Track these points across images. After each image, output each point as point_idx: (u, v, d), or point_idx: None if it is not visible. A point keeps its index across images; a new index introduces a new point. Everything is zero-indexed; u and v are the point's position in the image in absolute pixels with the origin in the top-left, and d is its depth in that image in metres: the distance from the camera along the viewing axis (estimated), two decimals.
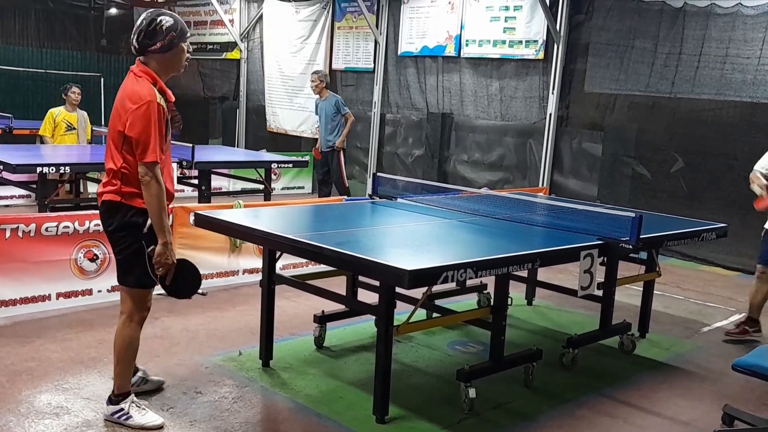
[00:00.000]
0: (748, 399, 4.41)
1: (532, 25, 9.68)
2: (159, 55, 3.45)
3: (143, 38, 3.42)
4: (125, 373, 3.67)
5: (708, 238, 5.43)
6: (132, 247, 3.52)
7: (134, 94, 3.37)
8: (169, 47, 3.44)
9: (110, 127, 3.52)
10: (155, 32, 3.41)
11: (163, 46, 3.42)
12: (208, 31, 15.01)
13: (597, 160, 9.29)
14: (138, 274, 3.56)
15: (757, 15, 7.74)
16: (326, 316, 4.91)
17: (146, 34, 3.40)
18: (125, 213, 3.49)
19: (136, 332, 3.66)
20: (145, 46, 3.43)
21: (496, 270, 3.84)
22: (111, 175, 3.51)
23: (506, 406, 4.16)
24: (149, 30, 3.40)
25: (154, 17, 3.40)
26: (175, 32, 3.44)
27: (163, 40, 3.41)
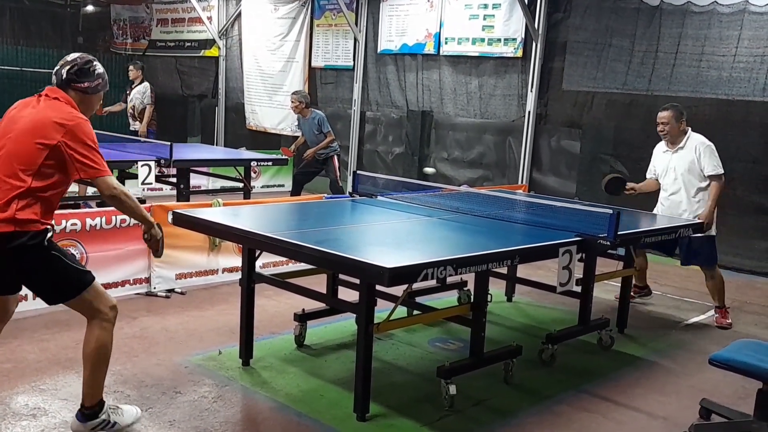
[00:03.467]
0: (725, 393, 4.46)
1: (511, 23, 9.72)
2: (81, 95, 3.46)
3: (73, 73, 3.43)
4: (101, 382, 3.47)
5: (684, 235, 5.49)
6: (48, 263, 3.26)
7: (69, 114, 3.31)
8: (93, 91, 3.50)
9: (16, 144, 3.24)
10: (88, 72, 3.47)
11: (89, 87, 3.47)
12: (186, 28, 14.91)
13: (575, 157, 9.35)
14: (73, 279, 3.33)
15: (732, 13, 7.83)
16: (306, 314, 4.89)
17: (79, 70, 3.45)
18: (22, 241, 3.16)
19: (110, 335, 3.45)
20: (71, 81, 3.44)
21: (476, 267, 3.86)
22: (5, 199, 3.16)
23: (486, 402, 4.17)
24: (83, 68, 3.46)
25: (91, 60, 3.52)
26: (102, 80, 3.53)
27: (92, 82, 3.48)
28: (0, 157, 3.27)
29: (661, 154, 6.11)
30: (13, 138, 3.28)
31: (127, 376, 4.25)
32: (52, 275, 3.30)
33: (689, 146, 5.88)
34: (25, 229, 3.17)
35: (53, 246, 3.30)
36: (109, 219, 5.59)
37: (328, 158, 9.33)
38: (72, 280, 3.35)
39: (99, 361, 3.42)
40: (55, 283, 3.34)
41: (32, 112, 3.34)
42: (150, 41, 15.85)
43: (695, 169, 5.83)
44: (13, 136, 3.29)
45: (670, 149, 6.00)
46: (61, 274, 3.31)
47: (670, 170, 5.99)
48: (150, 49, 15.86)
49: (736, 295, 6.92)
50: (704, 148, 5.81)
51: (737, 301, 6.73)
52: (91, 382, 3.44)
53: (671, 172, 5.98)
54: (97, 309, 3.41)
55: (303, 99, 9.29)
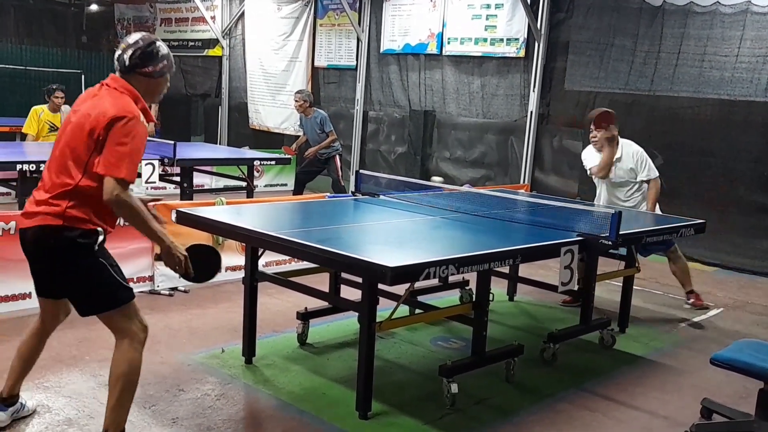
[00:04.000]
0: (726, 393, 4.47)
1: (513, 23, 9.73)
2: (146, 79, 3.27)
3: (137, 57, 3.21)
4: (127, 407, 3.25)
5: (686, 234, 5.50)
6: (88, 269, 3.15)
7: (120, 107, 3.10)
8: (159, 74, 3.30)
9: (71, 136, 3.15)
10: (152, 55, 3.24)
11: (154, 71, 3.27)
12: (190, 27, 14.93)
13: (577, 157, 9.29)
14: (112, 293, 3.20)
15: (734, 13, 7.84)
16: (309, 313, 4.91)
17: (143, 53, 3.22)
18: (67, 236, 3.09)
19: (140, 355, 3.24)
20: (135, 66, 3.22)
21: (478, 266, 3.87)
22: (55, 193, 3.11)
23: (488, 401, 4.19)
24: (147, 51, 3.22)
25: (154, 41, 3.28)
26: (167, 61, 3.32)
27: (156, 65, 3.26)
28: (56, 152, 3.21)
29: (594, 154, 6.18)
30: (68, 132, 3.18)
31: None
32: (92, 283, 3.17)
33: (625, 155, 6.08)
34: (74, 225, 3.08)
35: (103, 252, 3.18)
36: None
37: (330, 158, 9.35)
38: (110, 293, 3.19)
39: (128, 384, 3.21)
40: (92, 292, 3.19)
41: (89, 105, 3.18)
42: None
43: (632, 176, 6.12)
44: (68, 130, 3.19)
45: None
46: (102, 284, 3.18)
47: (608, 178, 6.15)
48: None
49: (738, 294, 6.93)
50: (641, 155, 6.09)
51: (739, 301, 6.74)
52: (117, 407, 3.21)
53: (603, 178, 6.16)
54: (129, 329, 3.23)
55: (307, 98, 9.31)
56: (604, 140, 5.98)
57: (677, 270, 6.25)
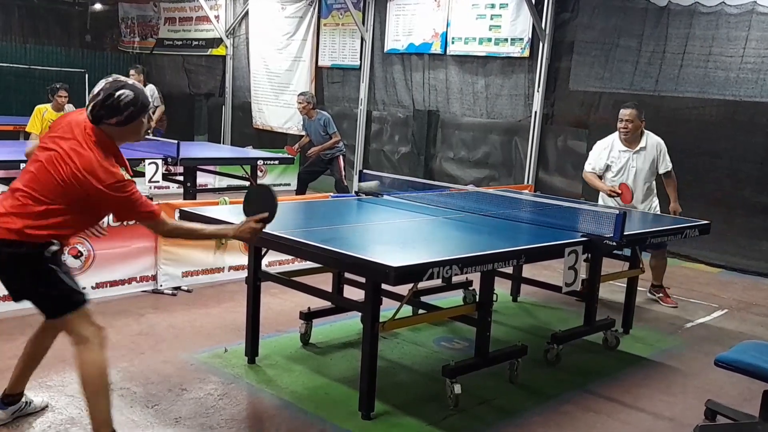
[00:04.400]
0: (731, 394, 4.45)
1: (518, 23, 9.71)
2: (116, 128, 3.19)
3: (98, 110, 3.14)
4: (106, 406, 3.25)
5: (691, 235, 5.48)
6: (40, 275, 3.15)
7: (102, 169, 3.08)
8: (127, 122, 3.18)
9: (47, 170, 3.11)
10: (112, 107, 3.13)
11: (119, 121, 3.16)
12: (194, 27, 14.94)
13: (582, 157, 9.28)
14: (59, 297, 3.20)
15: (740, 14, 7.81)
16: (312, 312, 4.90)
17: (102, 107, 3.13)
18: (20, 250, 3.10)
19: (101, 355, 3.22)
20: (100, 117, 3.15)
21: (482, 266, 3.86)
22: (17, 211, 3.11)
23: (491, 402, 4.18)
24: (105, 105, 3.13)
25: (112, 92, 3.13)
26: (134, 107, 3.17)
27: (120, 115, 3.14)
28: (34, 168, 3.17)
29: (618, 154, 6.18)
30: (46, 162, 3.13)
31: (133, 372, 4.27)
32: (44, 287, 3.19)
33: (650, 146, 6.10)
34: (30, 242, 3.10)
35: (54, 259, 3.17)
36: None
37: (334, 158, 9.36)
38: (59, 298, 3.22)
39: (98, 383, 3.21)
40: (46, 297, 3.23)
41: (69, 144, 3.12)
42: (157, 40, 15.89)
43: (653, 168, 6.11)
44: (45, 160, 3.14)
45: (630, 149, 6.12)
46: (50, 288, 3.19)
47: (628, 169, 6.14)
48: (157, 48, 15.91)
49: (743, 296, 6.91)
50: (663, 147, 6.12)
51: (743, 302, 6.72)
52: (95, 408, 3.22)
53: (627, 170, 6.14)
54: (81, 334, 3.23)
55: (310, 100, 9.32)
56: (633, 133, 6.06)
57: (658, 266, 6.39)
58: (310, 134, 9.50)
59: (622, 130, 6.10)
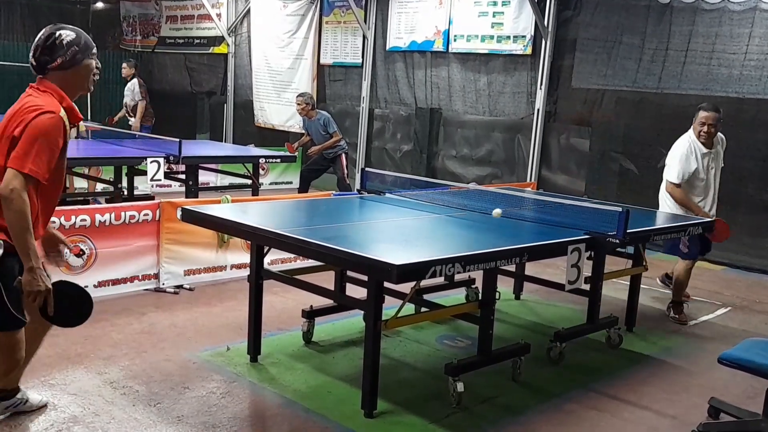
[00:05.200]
0: (734, 392, 4.44)
1: (520, 20, 9.69)
2: (60, 72, 3.11)
3: (41, 54, 3.09)
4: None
5: (694, 233, 5.47)
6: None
7: (35, 105, 3.03)
8: (71, 63, 3.11)
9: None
10: (54, 47, 3.08)
11: (64, 62, 3.09)
12: (195, 25, 14.93)
13: (584, 155, 9.32)
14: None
15: (743, 11, 7.78)
16: (314, 311, 4.90)
17: (44, 49, 3.08)
18: None
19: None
20: (44, 63, 3.09)
21: (484, 264, 3.85)
22: None
23: (494, 400, 4.17)
24: (47, 45, 3.08)
25: (53, 32, 3.09)
26: (77, 47, 3.11)
27: (63, 56, 3.08)
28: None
29: (701, 157, 5.80)
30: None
31: (135, 371, 4.27)
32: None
33: (719, 146, 5.91)
34: None
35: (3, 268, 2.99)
36: (118, 215, 5.60)
37: (336, 156, 9.36)
38: None
39: None
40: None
41: (9, 111, 3.12)
42: (159, 38, 15.89)
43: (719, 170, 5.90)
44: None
45: (710, 150, 5.83)
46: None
47: (709, 171, 5.88)
48: (159, 46, 15.90)
49: (746, 294, 6.89)
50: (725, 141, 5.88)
51: (747, 300, 6.70)
52: None
53: (709, 172, 5.88)
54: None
55: (308, 101, 9.31)
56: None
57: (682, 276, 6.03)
58: (311, 134, 9.51)
59: (704, 134, 5.72)
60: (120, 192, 7.95)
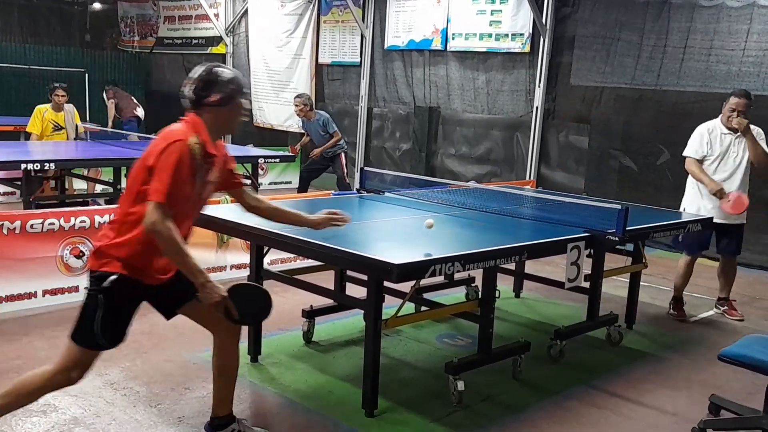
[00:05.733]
0: (735, 388, 4.45)
1: (518, 18, 9.69)
2: (215, 108, 3.12)
3: (199, 89, 3.11)
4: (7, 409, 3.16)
5: (694, 230, 5.47)
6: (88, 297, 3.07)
7: (167, 134, 3.05)
8: (228, 101, 3.13)
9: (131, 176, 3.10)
10: (213, 83, 3.11)
11: (221, 99, 3.11)
12: (193, 25, 14.93)
13: (584, 152, 9.32)
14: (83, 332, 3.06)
15: (741, 7, 7.79)
16: (314, 310, 4.90)
17: (204, 84, 3.11)
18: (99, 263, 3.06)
19: (46, 389, 3.13)
20: (200, 98, 3.11)
21: (484, 263, 3.85)
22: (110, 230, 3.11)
23: (495, 398, 4.17)
24: (208, 80, 3.11)
25: (213, 68, 3.15)
26: (234, 85, 3.14)
27: (221, 92, 3.10)
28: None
29: (720, 136, 5.84)
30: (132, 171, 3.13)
31: (136, 372, 4.27)
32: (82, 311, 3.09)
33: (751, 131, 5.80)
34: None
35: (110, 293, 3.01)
36: None
37: (336, 156, 9.34)
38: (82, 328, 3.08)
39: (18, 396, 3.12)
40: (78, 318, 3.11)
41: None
42: (157, 38, 15.88)
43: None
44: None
45: (732, 133, 5.82)
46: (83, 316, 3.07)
47: (731, 154, 5.84)
48: (157, 47, 15.90)
49: (747, 290, 6.90)
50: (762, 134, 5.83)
51: (747, 296, 6.71)
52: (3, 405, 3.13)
53: (732, 156, 5.84)
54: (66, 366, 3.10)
55: (307, 102, 9.24)
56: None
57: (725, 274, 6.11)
58: (310, 134, 9.49)
59: (730, 119, 5.75)
60: (119, 193, 7.94)
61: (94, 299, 3.02)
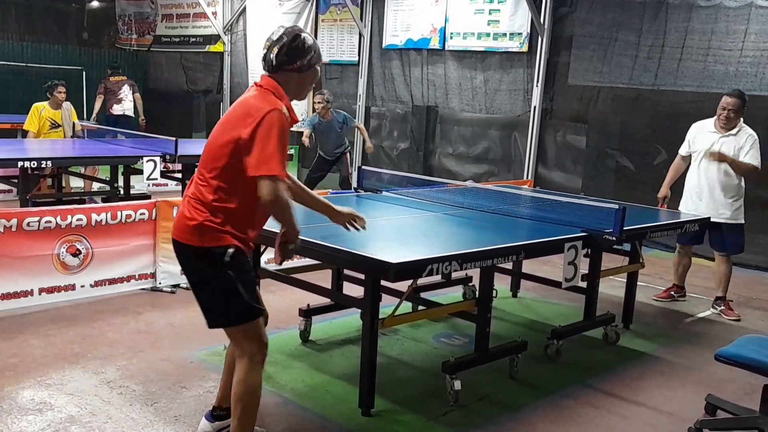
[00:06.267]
0: (731, 389, 4.45)
1: (516, 17, 9.69)
2: (295, 75, 3.12)
3: (283, 54, 3.07)
4: (249, 425, 3.17)
5: (691, 230, 5.48)
6: (219, 282, 3.10)
7: (259, 105, 3.00)
8: (308, 67, 3.13)
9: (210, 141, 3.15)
10: (298, 49, 3.08)
11: (302, 65, 3.10)
12: (191, 23, 14.91)
13: (581, 152, 9.33)
14: (236, 311, 3.13)
15: (739, 7, 7.79)
16: (311, 309, 4.90)
17: (289, 50, 3.07)
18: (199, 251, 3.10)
19: (260, 376, 3.18)
20: (282, 63, 3.08)
21: (481, 262, 3.85)
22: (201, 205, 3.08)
23: (491, 397, 4.17)
24: (293, 46, 3.07)
25: (298, 33, 3.11)
26: (315, 52, 3.13)
27: (303, 59, 3.09)
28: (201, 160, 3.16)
29: (706, 134, 6.08)
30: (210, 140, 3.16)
31: (133, 371, 4.26)
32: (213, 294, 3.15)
33: (741, 134, 5.95)
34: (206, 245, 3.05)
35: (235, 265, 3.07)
36: (114, 214, 5.59)
37: (342, 155, 9.14)
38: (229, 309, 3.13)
39: (249, 401, 3.14)
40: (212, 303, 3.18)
41: (233, 109, 3.14)
42: (155, 37, 15.85)
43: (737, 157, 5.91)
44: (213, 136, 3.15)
45: (719, 133, 5.99)
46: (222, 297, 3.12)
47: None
48: (155, 45, 15.87)
49: (744, 290, 6.90)
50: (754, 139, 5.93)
51: (744, 296, 6.71)
52: (239, 423, 3.14)
53: None
54: (252, 347, 3.17)
55: (329, 98, 8.98)
56: None
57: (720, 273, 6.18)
58: (320, 134, 9.09)
59: (722, 117, 5.95)
60: (116, 191, 7.93)
61: (226, 277, 3.07)
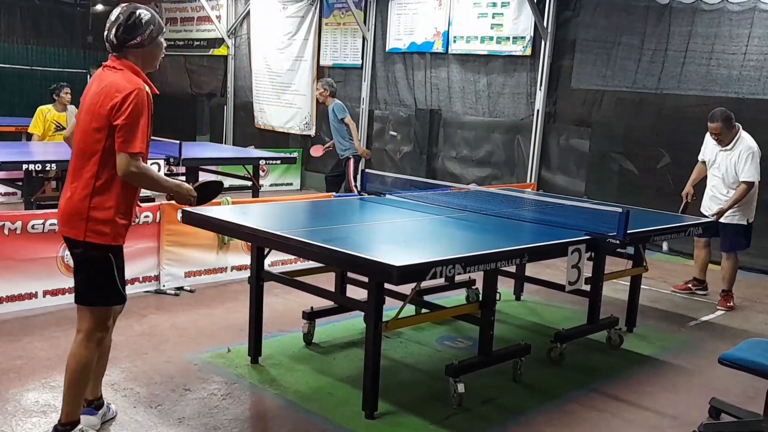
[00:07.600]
0: (735, 392, 4.44)
1: (520, 21, 9.70)
2: (139, 50, 3.29)
3: (122, 32, 3.24)
4: (77, 400, 3.34)
5: (694, 233, 5.47)
6: (96, 262, 3.27)
7: (119, 84, 3.16)
8: (149, 41, 3.30)
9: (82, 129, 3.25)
10: (135, 26, 3.25)
11: (143, 40, 3.27)
12: (195, 27, 14.94)
13: (584, 156, 9.32)
14: (105, 293, 3.30)
15: (742, 11, 7.79)
16: (315, 312, 4.90)
17: (126, 28, 3.23)
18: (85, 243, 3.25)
19: (93, 354, 3.33)
20: (123, 41, 3.25)
21: (485, 265, 3.85)
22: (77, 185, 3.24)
23: (495, 401, 4.17)
24: (128, 24, 3.23)
25: (132, 11, 3.25)
26: (154, 25, 3.31)
27: (142, 34, 3.26)
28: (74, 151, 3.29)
29: (711, 144, 6.38)
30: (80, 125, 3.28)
31: (136, 373, 4.27)
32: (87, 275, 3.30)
33: (736, 148, 6.16)
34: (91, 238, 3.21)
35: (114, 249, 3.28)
36: None
37: (345, 160, 8.90)
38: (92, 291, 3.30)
39: (78, 376, 3.30)
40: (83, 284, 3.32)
41: (92, 94, 3.25)
42: None
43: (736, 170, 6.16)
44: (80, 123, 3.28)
45: (719, 146, 6.27)
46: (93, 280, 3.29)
47: (716, 164, 6.35)
48: None
49: (747, 294, 6.90)
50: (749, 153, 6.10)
51: (748, 300, 6.70)
52: (68, 397, 3.33)
53: (716, 166, 6.36)
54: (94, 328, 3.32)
55: (326, 86, 8.83)
56: None
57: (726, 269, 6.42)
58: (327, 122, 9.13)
59: (713, 139, 6.27)
60: None
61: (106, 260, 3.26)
